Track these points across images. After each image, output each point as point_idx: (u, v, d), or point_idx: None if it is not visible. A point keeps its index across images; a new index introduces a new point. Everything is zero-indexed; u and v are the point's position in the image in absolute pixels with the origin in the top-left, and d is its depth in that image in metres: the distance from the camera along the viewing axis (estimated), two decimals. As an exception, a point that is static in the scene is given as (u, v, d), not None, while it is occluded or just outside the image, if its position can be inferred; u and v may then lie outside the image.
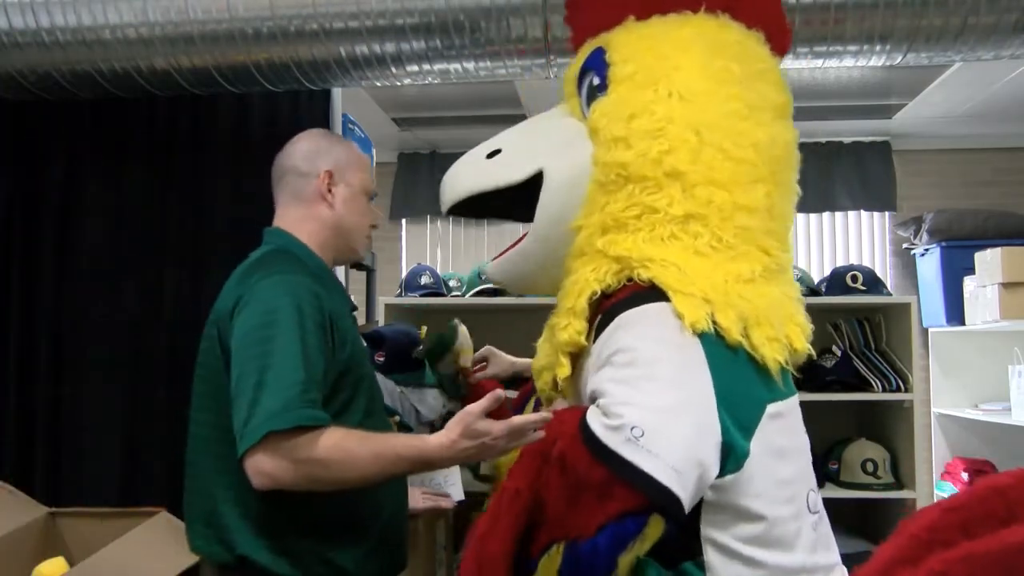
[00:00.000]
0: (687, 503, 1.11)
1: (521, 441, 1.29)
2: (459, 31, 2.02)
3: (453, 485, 2.01)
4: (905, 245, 4.28)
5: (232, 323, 1.40)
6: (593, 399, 1.21)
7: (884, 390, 2.71)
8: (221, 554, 1.41)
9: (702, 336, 1.20)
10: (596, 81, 1.42)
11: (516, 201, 1.47)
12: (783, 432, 1.25)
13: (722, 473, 1.15)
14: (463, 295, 3.16)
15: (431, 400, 2.12)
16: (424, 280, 3.11)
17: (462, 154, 1.59)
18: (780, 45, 1.48)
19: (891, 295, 3.02)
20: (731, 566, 1.20)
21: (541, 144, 1.46)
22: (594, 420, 1.14)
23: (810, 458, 1.33)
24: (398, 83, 2.29)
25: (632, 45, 1.41)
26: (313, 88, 2.36)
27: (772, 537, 1.21)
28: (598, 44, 1.45)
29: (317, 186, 1.56)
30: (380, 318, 2.85)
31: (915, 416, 2.69)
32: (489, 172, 1.46)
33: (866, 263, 4.32)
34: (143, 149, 2.62)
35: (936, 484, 3.92)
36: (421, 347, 2.14)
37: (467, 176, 1.50)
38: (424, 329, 2.24)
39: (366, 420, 1.47)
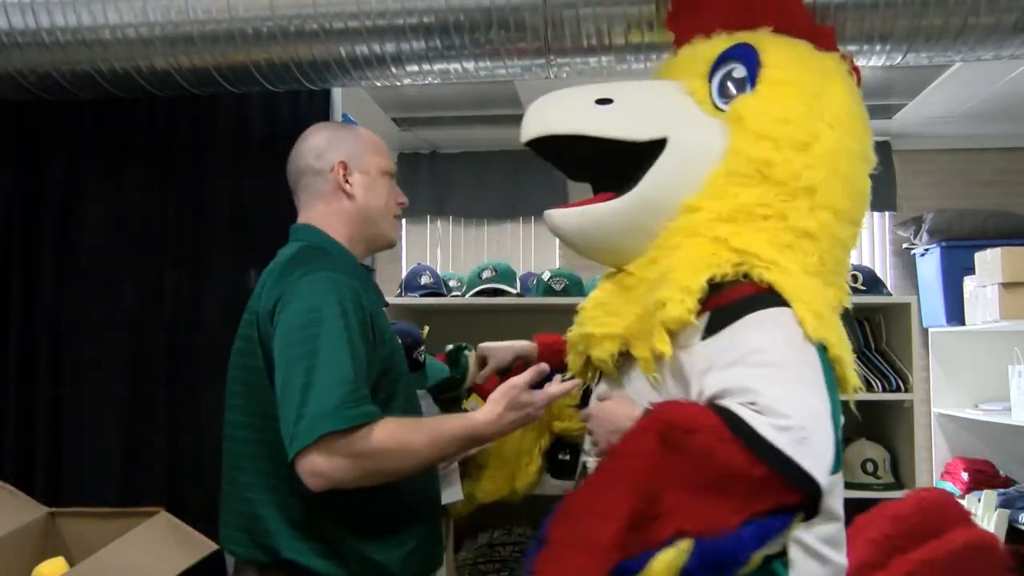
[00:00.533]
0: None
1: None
2: (459, 31, 2.02)
3: (452, 485, 2.01)
4: (905, 245, 4.29)
5: (274, 323, 1.38)
6: (717, 395, 1.21)
7: (884, 390, 2.71)
8: (262, 557, 1.40)
9: (816, 347, 1.26)
10: (741, 73, 1.43)
11: (581, 155, 1.48)
12: None
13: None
14: (463, 295, 3.17)
15: (431, 401, 2.12)
16: (424, 280, 3.11)
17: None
18: None
19: (891, 295, 3.02)
20: (808, 563, 1.26)
21: (661, 110, 1.46)
22: (754, 418, 1.15)
23: None
24: (398, 83, 2.29)
25: (786, 55, 1.46)
26: (313, 88, 2.36)
27: (840, 537, 1.32)
28: (742, 40, 1.47)
29: (334, 179, 1.53)
30: (380, 318, 2.86)
31: (915, 416, 2.69)
32: (606, 120, 1.43)
33: (866, 263, 4.32)
34: (143, 149, 2.61)
35: (936, 484, 3.92)
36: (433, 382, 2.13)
37: (577, 116, 1.45)
38: (426, 329, 2.23)
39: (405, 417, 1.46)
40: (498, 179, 5.15)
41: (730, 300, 1.28)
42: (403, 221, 4.86)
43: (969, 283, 3.69)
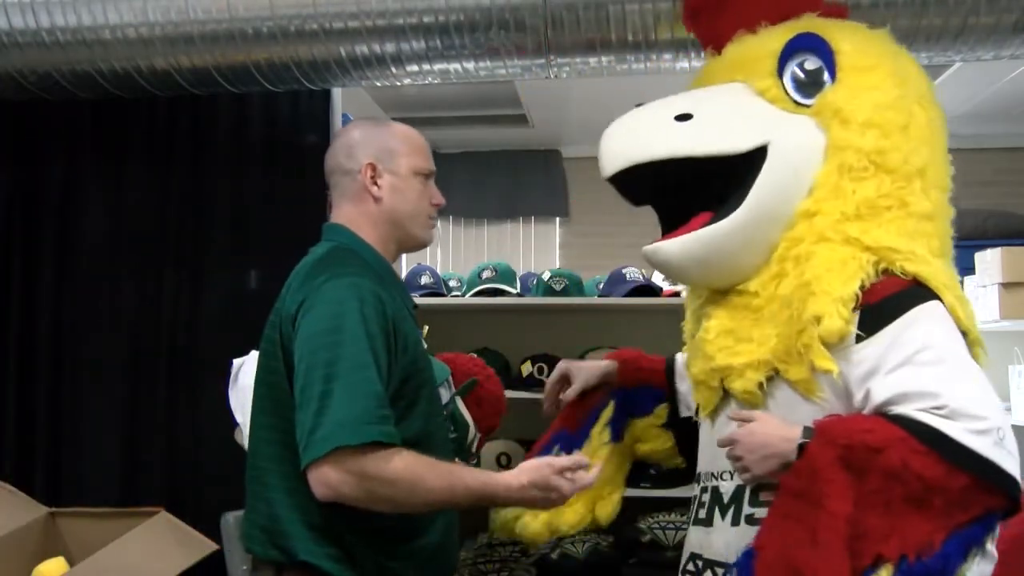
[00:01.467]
0: None
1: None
2: (459, 31, 2.02)
3: None
4: (905, 245, 4.28)
5: (296, 327, 1.36)
6: (891, 401, 1.16)
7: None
8: (279, 557, 1.39)
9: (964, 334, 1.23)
10: (814, 64, 1.36)
11: (665, 180, 1.39)
12: None
13: None
14: (463, 295, 3.16)
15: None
16: (424, 280, 3.11)
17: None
18: None
19: (891, 295, 3.01)
20: (982, 564, 1.17)
21: (749, 116, 1.37)
22: (947, 425, 1.10)
23: None
24: (398, 83, 2.29)
25: (854, 39, 1.40)
26: (313, 88, 2.36)
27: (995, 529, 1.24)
28: (802, 30, 1.40)
29: (361, 181, 1.50)
30: (380, 318, 2.85)
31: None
32: (695, 136, 1.34)
33: (866, 263, 4.31)
34: (143, 149, 2.61)
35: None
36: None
37: (663, 138, 1.36)
38: (426, 329, 2.24)
39: (427, 425, 1.45)
40: (498, 179, 5.15)
41: (880, 298, 1.22)
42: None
43: (969, 283, 3.69)
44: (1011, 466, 1.09)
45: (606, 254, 4.78)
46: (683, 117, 1.36)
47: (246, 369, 1.87)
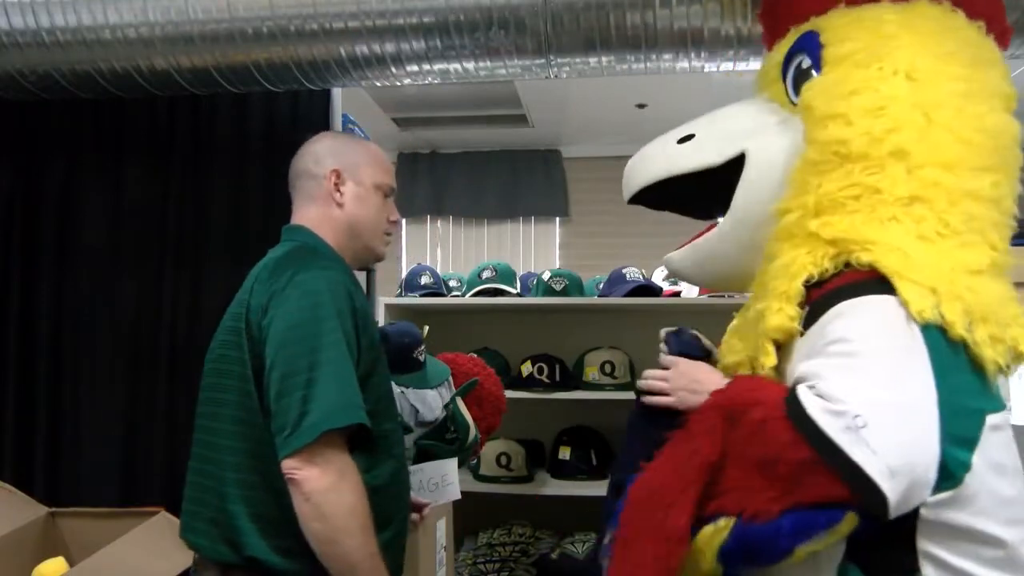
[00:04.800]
0: (893, 510, 1.03)
1: None
2: (459, 31, 2.02)
3: (451, 484, 2.01)
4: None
5: (267, 319, 1.38)
6: (797, 384, 1.13)
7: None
8: (226, 554, 1.39)
9: (925, 329, 1.12)
10: (806, 63, 1.38)
11: (701, 191, 1.46)
12: (1001, 447, 1.15)
13: (938, 490, 1.06)
14: (463, 295, 3.17)
15: (431, 401, 2.12)
16: (424, 280, 3.11)
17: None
18: (1000, 44, 1.42)
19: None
20: None
21: (738, 128, 1.44)
22: (808, 398, 1.07)
23: None
24: (398, 83, 2.29)
25: (850, 25, 1.36)
26: (313, 88, 2.36)
27: (1007, 564, 1.13)
28: (808, 28, 1.41)
29: (325, 185, 1.54)
30: (380, 318, 2.86)
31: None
32: (683, 156, 1.45)
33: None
34: (143, 149, 2.62)
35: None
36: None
37: (658, 161, 1.48)
38: (426, 329, 2.24)
39: (384, 424, 1.46)
40: (498, 179, 5.16)
41: (827, 290, 1.20)
42: (403, 221, 4.86)
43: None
44: (861, 457, 1.02)
45: (606, 254, 4.79)
46: (685, 139, 1.46)
47: None
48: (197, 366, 2.49)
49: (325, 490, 1.29)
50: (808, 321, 1.20)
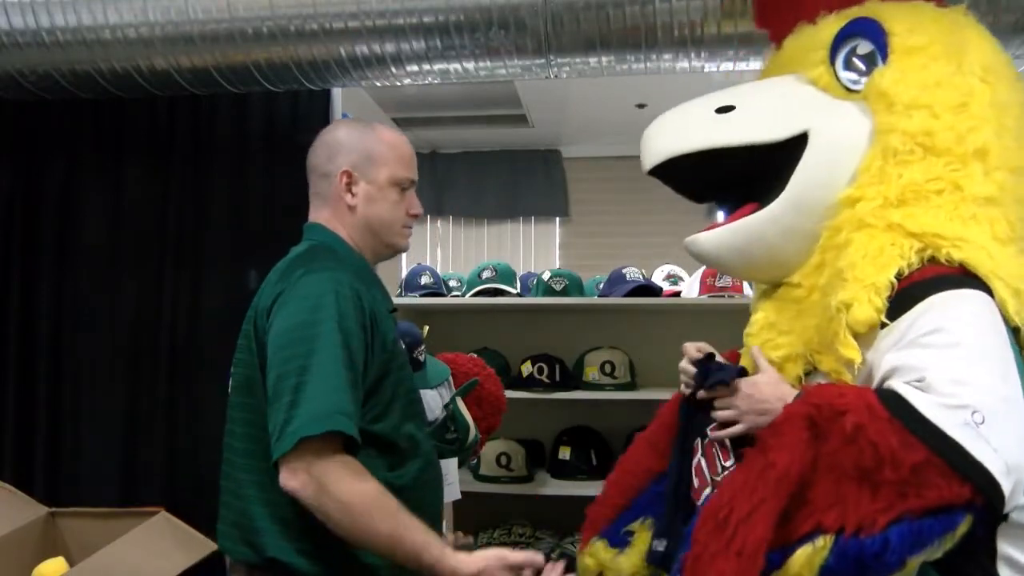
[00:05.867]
0: (1007, 507, 1.00)
1: None
2: (459, 31, 2.02)
3: (451, 484, 2.01)
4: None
5: (270, 320, 1.36)
6: (885, 376, 1.09)
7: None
8: (249, 555, 1.39)
9: (1013, 330, 1.11)
10: (866, 48, 1.32)
11: (707, 170, 1.36)
12: None
13: None
14: (463, 295, 3.17)
15: (431, 401, 2.12)
16: (424, 280, 3.11)
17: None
18: None
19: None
20: None
21: (791, 104, 1.34)
22: (915, 395, 1.02)
23: None
24: (398, 83, 2.28)
25: (916, 18, 1.33)
26: (313, 88, 2.36)
27: None
28: (860, 14, 1.36)
29: (337, 187, 1.49)
30: (380, 318, 2.85)
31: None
32: (732, 128, 1.32)
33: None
34: (143, 149, 2.61)
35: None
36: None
37: (697, 130, 1.34)
38: (426, 329, 2.24)
39: (405, 424, 1.44)
40: (497, 179, 5.16)
41: (911, 283, 1.15)
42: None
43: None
44: (982, 455, 0.97)
45: (606, 254, 4.79)
46: (724, 109, 1.34)
47: None
48: (197, 366, 2.53)
49: (313, 497, 1.27)
50: (891, 314, 1.15)
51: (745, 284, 2.87)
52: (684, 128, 1.36)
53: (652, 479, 1.49)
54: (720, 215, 1.52)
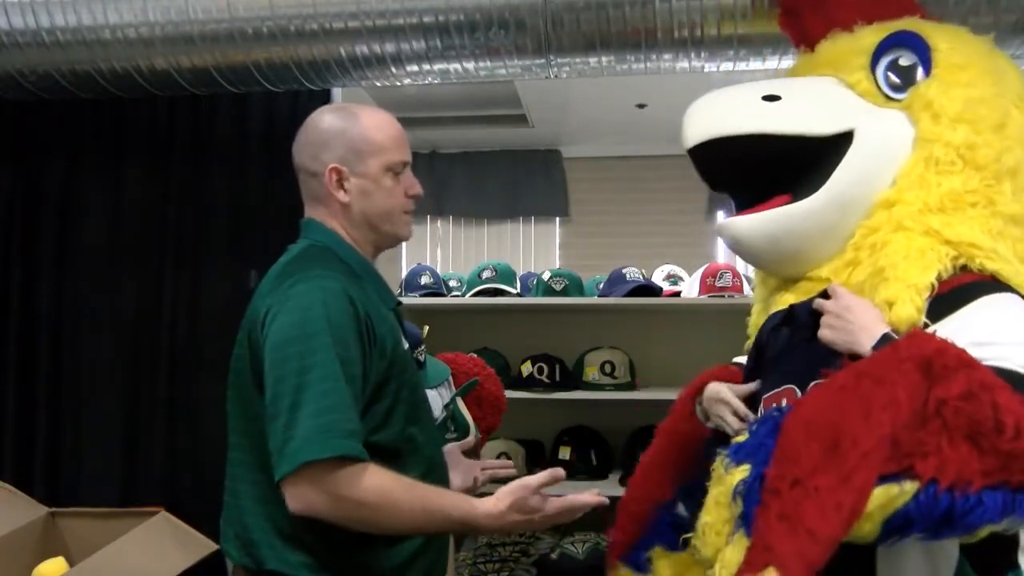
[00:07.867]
0: None
1: (571, 516, 1.31)
2: (459, 31, 2.02)
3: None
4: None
5: (264, 333, 1.31)
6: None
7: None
8: (249, 564, 1.37)
9: None
10: (909, 60, 1.37)
11: (745, 161, 1.38)
12: None
13: None
14: (463, 295, 3.17)
15: (431, 401, 2.12)
16: (424, 280, 3.11)
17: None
18: None
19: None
20: None
21: (837, 103, 1.38)
22: None
23: None
24: (398, 83, 2.28)
25: (957, 38, 1.40)
26: (313, 88, 2.36)
27: None
28: (902, 27, 1.41)
29: (327, 185, 1.41)
30: (380, 318, 2.85)
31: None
32: (781, 117, 1.34)
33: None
34: (143, 149, 2.62)
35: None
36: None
37: (745, 115, 1.35)
38: (426, 329, 2.24)
39: (408, 429, 1.40)
40: (498, 179, 5.15)
41: (951, 288, 1.19)
42: (403, 221, 4.85)
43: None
44: None
45: (606, 254, 4.79)
46: (771, 98, 1.36)
47: None
48: (197, 366, 2.53)
49: (330, 511, 1.25)
50: (932, 316, 1.18)
51: (745, 284, 2.88)
52: (734, 111, 1.37)
53: (660, 507, 1.59)
54: (721, 215, 1.52)
